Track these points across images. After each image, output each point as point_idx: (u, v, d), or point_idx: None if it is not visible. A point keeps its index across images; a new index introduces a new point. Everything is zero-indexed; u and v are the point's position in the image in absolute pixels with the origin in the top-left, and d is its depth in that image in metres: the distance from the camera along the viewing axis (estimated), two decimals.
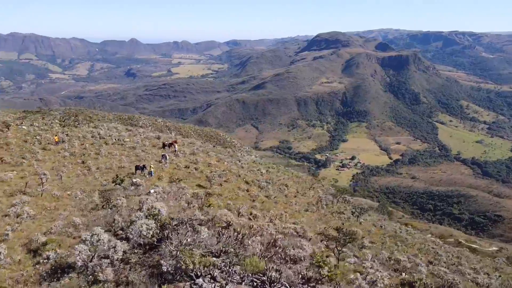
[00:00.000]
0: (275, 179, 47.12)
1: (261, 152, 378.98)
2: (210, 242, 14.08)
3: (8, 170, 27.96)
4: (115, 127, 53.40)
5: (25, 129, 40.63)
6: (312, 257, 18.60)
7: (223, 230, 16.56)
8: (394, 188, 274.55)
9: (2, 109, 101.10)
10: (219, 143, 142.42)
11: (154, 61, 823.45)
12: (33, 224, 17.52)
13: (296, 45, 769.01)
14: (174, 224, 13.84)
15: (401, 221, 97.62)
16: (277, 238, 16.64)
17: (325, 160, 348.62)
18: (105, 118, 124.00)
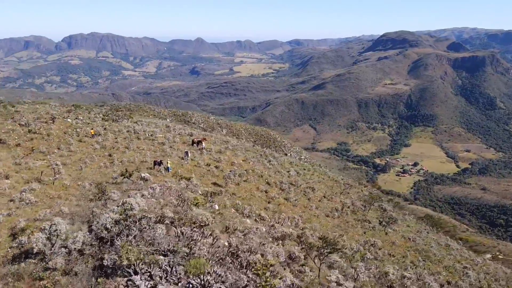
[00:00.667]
0: (302, 182, 46.20)
1: (318, 153, 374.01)
2: (165, 240, 14.26)
3: (39, 159, 30.64)
4: (154, 123, 55.98)
5: (69, 122, 44.19)
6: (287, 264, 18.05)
7: (194, 230, 16.66)
8: (460, 199, 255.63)
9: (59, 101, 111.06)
10: (268, 142, 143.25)
11: (217, 59, 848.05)
12: (30, 210, 19.06)
13: (360, 45, 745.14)
14: (133, 220, 14.20)
15: (462, 236, 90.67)
16: (242, 242, 16.32)
17: (384, 164, 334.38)
18: (161, 114, 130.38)
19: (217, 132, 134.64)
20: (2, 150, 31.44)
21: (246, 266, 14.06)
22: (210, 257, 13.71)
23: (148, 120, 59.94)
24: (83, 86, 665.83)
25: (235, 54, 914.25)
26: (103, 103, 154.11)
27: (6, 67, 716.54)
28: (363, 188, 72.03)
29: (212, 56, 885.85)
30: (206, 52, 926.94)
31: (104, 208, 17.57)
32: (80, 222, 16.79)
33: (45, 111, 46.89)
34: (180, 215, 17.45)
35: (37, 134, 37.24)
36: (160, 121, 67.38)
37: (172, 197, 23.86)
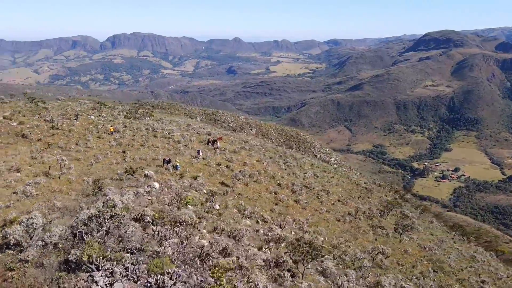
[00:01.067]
0: (318, 185, 45.39)
1: (352, 155, 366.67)
2: (136, 238, 14.49)
3: (55, 154, 32.13)
4: (176, 121, 57.09)
5: (93, 119, 46.03)
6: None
7: (171, 228, 16.82)
8: (505, 208, 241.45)
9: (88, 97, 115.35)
10: (297, 143, 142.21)
11: (254, 59, 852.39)
12: (29, 203, 20.04)
13: (401, 45, 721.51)
14: (104, 218, 14.53)
15: (504, 247, 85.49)
16: (214, 243, 16.20)
17: (422, 169, 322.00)
18: (191, 112, 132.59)
19: (246, 131, 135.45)
20: (23, 144, 33.27)
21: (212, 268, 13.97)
22: (177, 257, 13.75)
23: (170, 118, 61.24)
24: (125, 84, 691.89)
25: (272, 53, 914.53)
26: (137, 101, 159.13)
27: (55, 65, 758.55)
28: (387, 193, 69.81)
29: (249, 56, 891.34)
30: (243, 51, 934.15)
31: (92, 203, 18.12)
32: (69, 216, 17.43)
33: (71, 108, 49.12)
34: (163, 213, 17.65)
35: (59, 130, 39.08)
36: (184, 119, 68.57)
37: (170, 196, 24.24)
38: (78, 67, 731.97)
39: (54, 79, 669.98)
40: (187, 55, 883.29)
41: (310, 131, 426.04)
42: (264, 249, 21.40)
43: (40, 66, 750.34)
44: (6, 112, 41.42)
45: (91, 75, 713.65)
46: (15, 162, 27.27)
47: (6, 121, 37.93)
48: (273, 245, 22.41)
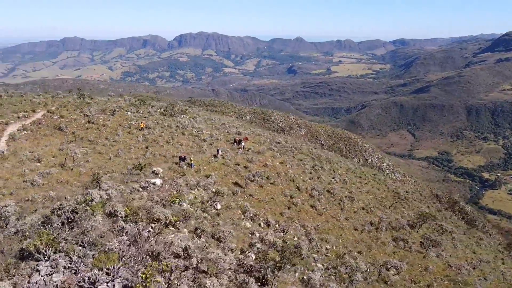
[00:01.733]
0: (344, 190, 43.70)
1: (414, 161, 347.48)
2: (94, 233, 15.10)
3: (83, 146, 34.51)
4: (211, 120, 58.24)
5: (129, 114, 48.61)
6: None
7: (145, 225, 17.27)
8: None
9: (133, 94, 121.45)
10: (347, 146, 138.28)
11: (315, 59, 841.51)
12: (32, 191, 21.77)
13: (476, 45, 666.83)
14: (65, 210, 15.34)
15: None
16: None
17: (494, 180, 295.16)
18: (241, 111, 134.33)
19: (295, 132, 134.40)
20: (57, 137, 36.15)
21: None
22: (130, 254, 14.10)
23: (207, 116, 62.56)
24: (188, 82, 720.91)
25: (334, 53, 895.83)
26: (190, 98, 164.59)
27: (127, 63, 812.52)
28: (431, 204, 65.29)
29: (310, 55, 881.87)
30: (305, 51, 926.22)
31: (78, 196, 19.22)
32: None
33: (114, 104, 52.27)
34: (139, 210, 18.19)
35: (94, 124, 41.84)
36: (221, 118, 69.70)
37: (167, 193, 24.88)
38: (147, 65, 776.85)
39: (126, 76, 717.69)
40: (249, 54, 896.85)
41: (370, 134, 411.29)
42: (247, 254, 21.14)
43: (114, 64, 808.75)
44: (53, 107, 45.23)
45: (158, 73, 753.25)
46: (41, 153, 29.77)
47: (49, 115, 41.45)
48: (258, 249, 22.04)
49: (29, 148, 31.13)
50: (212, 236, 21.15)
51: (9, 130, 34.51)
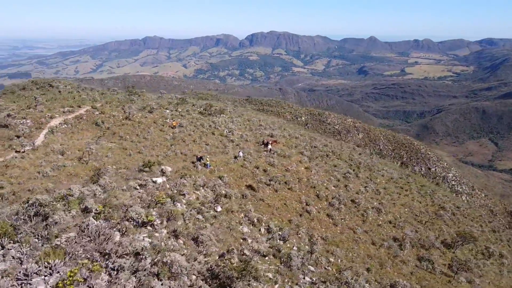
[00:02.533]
0: (372, 201, 41.32)
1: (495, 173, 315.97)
2: (61, 227, 16.20)
3: (112, 142, 36.97)
4: (248, 120, 58.58)
5: (167, 113, 50.91)
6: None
7: (117, 223, 18.12)
8: None
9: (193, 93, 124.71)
10: (408, 153, 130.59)
11: (389, 59, 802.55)
12: (37, 182, 23.90)
13: None
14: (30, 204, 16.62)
15: None
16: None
17: None
18: (297, 112, 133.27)
19: (352, 135, 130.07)
20: (92, 132, 39.14)
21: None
22: (71, 250, 14.92)
23: (248, 116, 62.96)
24: (257, 80, 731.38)
25: (410, 54, 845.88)
26: (248, 97, 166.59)
27: (200, 60, 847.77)
28: (487, 223, 59.06)
29: (384, 56, 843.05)
30: (378, 51, 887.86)
31: (62, 190, 20.74)
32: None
33: (159, 101, 55.11)
34: (115, 208, 19.11)
35: (131, 120, 44.52)
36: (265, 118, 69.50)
37: (163, 192, 25.70)
38: (218, 63, 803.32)
39: (198, 73, 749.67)
40: (318, 54, 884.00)
41: (444, 141, 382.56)
42: (225, 259, 21.04)
43: (188, 61, 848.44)
44: (99, 103, 48.99)
45: (228, 71, 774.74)
46: (69, 146, 32.50)
47: (92, 110, 44.99)
48: (243, 255, 21.85)
49: (61, 141, 34.15)
50: (193, 239, 21.44)
51: (52, 124, 38.12)
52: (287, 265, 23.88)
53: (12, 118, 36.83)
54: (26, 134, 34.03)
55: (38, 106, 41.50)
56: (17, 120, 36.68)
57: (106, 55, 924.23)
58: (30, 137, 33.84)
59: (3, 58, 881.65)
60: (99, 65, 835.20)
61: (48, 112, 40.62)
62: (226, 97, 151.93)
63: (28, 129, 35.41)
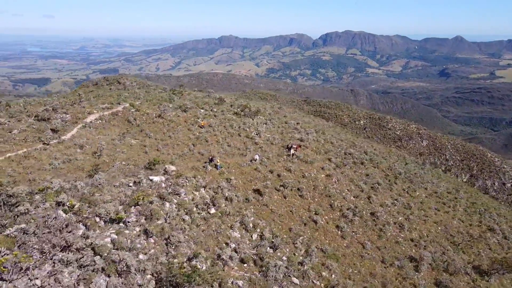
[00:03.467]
0: (398, 216, 38.44)
1: None
2: (27, 218, 17.78)
3: (135, 138, 39.21)
4: (285, 122, 57.77)
5: (201, 112, 52.40)
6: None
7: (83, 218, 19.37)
8: None
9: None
10: (479, 165, 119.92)
11: (476, 61, 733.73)
12: (42, 173, 26.26)
13: None
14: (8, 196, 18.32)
15: None
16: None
17: None
18: (355, 115, 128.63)
19: (415, 142, 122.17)
20: (122, 128, 41.84)
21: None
22: (22, 240, 16.27)
23: (284, 119, 62.06)
24: (329, 80, 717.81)
25: (503, 55, 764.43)
26: (306, 98, 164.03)
27: (272, 60, 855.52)
28: None
29: (470, 57, 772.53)
30: (464, 52, 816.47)
31: (45, 183, 22.56)
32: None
33: (192, 101, 56.98)
34: (89, 203, 20.39)
35: (162, 119, 46.72)
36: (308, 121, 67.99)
37: (155, 191, 26.65)
38: (290, 62, 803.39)
39: (270, 72, 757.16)
40: (396, 54, 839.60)
41: None
42: (192, 263, 21.27)
43: (261, 60, 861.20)
44: (138, 101, 52.13)
45: (300, 70, 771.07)
46: (94, 141, 35.18)
47: (129, 107, 48.08)
48: (207, 259, 21.90)
49: (88, 136, 37.10)
50: (165, 239, 21.97)
51: (88, 119, 41.56)
52: (265, 275, 23.38)
53: (55, 112, 40.99)
54: (61, 128, 37.60)
55: (82, 102, 45.63)
56: (58, 114, 40.75)
57: (184, 53, 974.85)
58: (64, 131, 37.34)
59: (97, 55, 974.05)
60: (178, 63, 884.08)
61: (88, 108, 44.36)
62: (285, 97, 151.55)
63: (64, 123, 39.13)
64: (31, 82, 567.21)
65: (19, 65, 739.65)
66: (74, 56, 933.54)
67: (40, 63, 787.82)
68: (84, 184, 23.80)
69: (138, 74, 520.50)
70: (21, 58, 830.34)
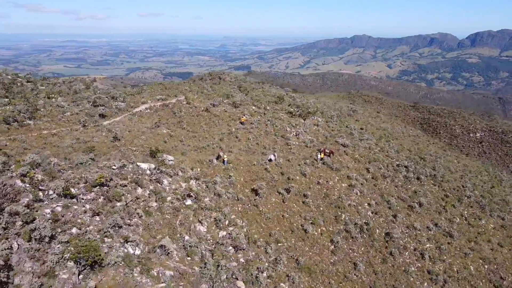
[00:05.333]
0: (424, 243, 32.82)
1: None
2: None
3: (168, 129, 42.44)
4: (345, 126, 54.04)
5: (253, 108, 53.00)
6: None
7: None
8: None
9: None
10: None
11: None
12: (49, 148, 30.74)
13: None
14: None
15: None
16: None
17: None
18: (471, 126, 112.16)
19: None
20: (164, 118, 45.55)
21: None
22: None
23: (347, 122, 57.82)
24: (473, 86, 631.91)
25: None
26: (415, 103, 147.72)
27: (407, 61, 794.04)
28: None
29: None
30: None
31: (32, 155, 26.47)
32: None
33: (253, 98, 58.09)
34: (52, 178, 23.55)
35: (208, 112, 49.12)
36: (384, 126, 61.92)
37: (136, 176, 28.68)
38: (427, 65, 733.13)
39: (402, 74, 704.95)
40: None
41: None
42: None
43: (394, 61, 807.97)
44: (196, 95, 55.74)
45: (438, 73, 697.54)
46: (126, 128, 39.47)
47: (182, 100, 51.84)
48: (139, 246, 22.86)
49: (127, 123, 41.66)
50: (114, 220, 23.65)
51: (138, 109, 46.55)
52: (202, 272, 23.24)
53: (114, 100, 47.15)
54: (109, 114, 43.12)
55: (143, 93, 51.25)
56: (115, 102, 46.76)
57: (314, 52, 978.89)
58: (110, 117, 42.70)
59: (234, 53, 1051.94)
60: (307, 62, 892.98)
61: (144, 99, 49.61)
62: (392, 101, 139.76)
63: (117, 110, 44.75)
64: (177, 75, 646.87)
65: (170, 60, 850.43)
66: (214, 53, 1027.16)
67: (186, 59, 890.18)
68: (58, 160, 27.32)
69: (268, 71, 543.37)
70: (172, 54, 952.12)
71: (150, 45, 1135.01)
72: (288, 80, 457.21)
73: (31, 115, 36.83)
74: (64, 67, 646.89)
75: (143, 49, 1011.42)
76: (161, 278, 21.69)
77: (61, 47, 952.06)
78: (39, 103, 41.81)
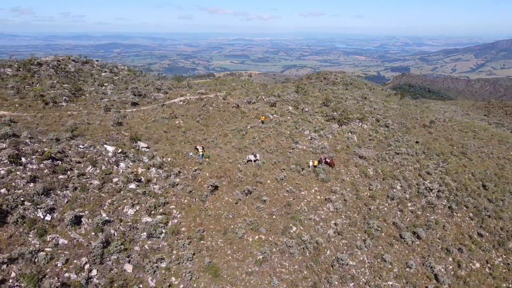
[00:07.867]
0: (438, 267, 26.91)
1: None
2: None
3: (184, 120, 45.28)
4: (373, 136, 46.62)
5: (289, 109, 50.91)
6: None
7: None
8: None
9: None
10: None
11: None
12: (49, 127, 36.81)
13: None
14: None
15: None
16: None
17: None
18: None
19: None
20: (190, 110, 48.57)
21: None
22: None
23: (393, 132, 49.18)
24: None
25: None
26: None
27: None
28: None
29: None
30: None
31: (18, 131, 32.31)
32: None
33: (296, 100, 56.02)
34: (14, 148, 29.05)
35: (238, 109, 49.88)
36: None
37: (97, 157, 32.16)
38: None
39: None
40: None
41: None
42: None
43: None
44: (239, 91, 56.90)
45: None
46: (145, 115, 43.99)
47: (219, 96, 53.77)
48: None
49: (151, 112, 46.14)
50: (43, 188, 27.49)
51: (173, 101, 50.78)
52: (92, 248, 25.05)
53: (157, 91, 52.50)
54: (140, 103, 48.36)
55: (188, 87, 55.05)
56: (156, 93, 51.96)
57: (492, 54, 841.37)
58: (141, 106, 47.82)
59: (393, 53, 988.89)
60: (480, 65, 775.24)
61: (184, 92, 53.51)
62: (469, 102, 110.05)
63: (153, 100, 49.82)
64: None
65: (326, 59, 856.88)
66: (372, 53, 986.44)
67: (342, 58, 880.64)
68: (28, 134, 32.44)
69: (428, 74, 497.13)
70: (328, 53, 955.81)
71: (308, 43, 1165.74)
72: (449, 85, 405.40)
73: (70, 99, 44.77)
74: (230, 62, 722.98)
75: (301, 47, 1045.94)
76: (51, 243, 24.57)
77: (230, 45, 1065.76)
78: (88, 89, 50.04)
